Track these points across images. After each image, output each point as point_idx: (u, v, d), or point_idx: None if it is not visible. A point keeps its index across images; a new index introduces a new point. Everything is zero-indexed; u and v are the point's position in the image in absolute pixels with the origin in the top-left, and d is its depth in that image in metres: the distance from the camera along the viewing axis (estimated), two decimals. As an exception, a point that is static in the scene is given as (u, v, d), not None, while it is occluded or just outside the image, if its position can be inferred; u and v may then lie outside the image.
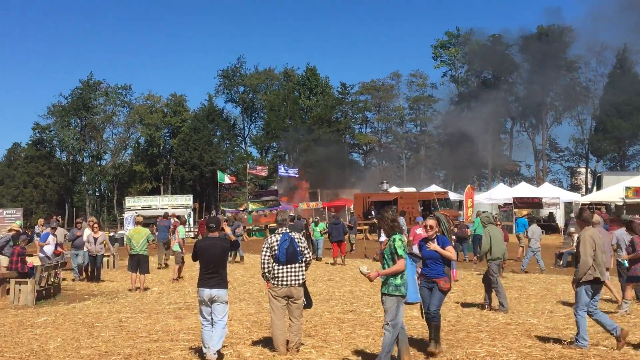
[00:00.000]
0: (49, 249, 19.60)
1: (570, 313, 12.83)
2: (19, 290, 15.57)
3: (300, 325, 9.74)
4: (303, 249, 9.65)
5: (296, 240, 9.61)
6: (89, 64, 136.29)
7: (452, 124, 75.18)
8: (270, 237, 9.71)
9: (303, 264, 9.65)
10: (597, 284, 9.77)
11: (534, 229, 21.88)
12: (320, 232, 27.11)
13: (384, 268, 8.44)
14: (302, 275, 9.63)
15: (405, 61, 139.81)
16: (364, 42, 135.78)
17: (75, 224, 22.06)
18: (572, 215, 34.57)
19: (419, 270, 9.62)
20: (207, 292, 9.19)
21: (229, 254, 12.24)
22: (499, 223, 22.36)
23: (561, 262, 23.09)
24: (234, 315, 12.61)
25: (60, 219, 30.92)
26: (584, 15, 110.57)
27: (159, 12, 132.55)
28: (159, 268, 23.97)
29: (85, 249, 20.11)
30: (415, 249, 9.75)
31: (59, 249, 20.14)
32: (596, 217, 14.86)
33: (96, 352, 9.78)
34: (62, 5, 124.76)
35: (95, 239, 19.82)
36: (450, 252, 9.47)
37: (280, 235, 9.60)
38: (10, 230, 19.87)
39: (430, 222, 9.66)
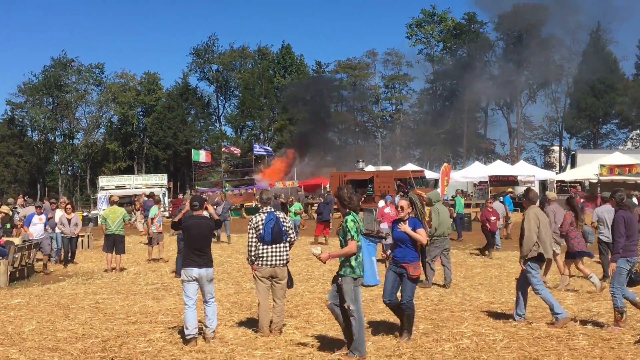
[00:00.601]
0: (38, 228, 18.25)
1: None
2: (-8, 271, 15.19)
3: (283, 306, 9.55)
4: (288, 229, 9.44)
5: (281, 219, 9.39)
6: (61, 42, 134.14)
7: (428, 102, 75.23)
8: (255, 217, 9.43)
9: (287, 244, 9.44)
10: (541, 260, 10.03)
11: (496, 205, 21.87)
12: (295, 212, 26.82)
13: (341, 248, 8.18)
14: (287, 255, 9.42)
15: (381, 39, 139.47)
16: (339, 19, 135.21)
17: (50, 204, 21.25)
18: (547, 193, 34.72)
19: (388, 252, 9.30)
20: (196, 272, 8.95)
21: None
22: (490, 202, 22.08)
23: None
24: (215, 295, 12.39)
25: (27, 199, 30.11)
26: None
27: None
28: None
29: (58, 231, 19.43)
30: (384, 226, 9.42)
31: (62, 227, 18.89)
32: (552, 194, 15.33)
33: (73, 334, 9.51)
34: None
35: (69, 220, 19.03)
36: (421, 234, 8.93)
37: (265, 214, 9.35)
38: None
39: (402, 202, 9.22)
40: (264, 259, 9.23)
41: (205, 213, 9.63)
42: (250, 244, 9.32)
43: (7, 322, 10.50)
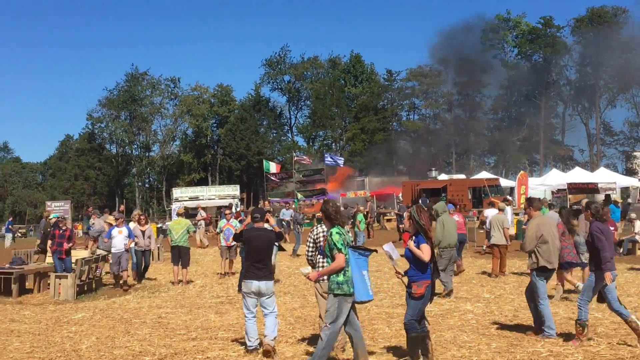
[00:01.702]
0: (117, 241, 16.93)
1: (637, 306, 12.05)
2: (59, 284, 15.22)
3: (345, 322, 9.08)
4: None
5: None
6: (137, 57, 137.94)
7: (502, 108, 73.59)
8: (316, 228, 9.00)
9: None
10: (545, 272, 9.85)
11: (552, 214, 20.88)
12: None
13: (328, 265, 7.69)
14: None
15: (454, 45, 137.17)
16: (410, 27, 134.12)
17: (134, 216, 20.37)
18: (630, 200, 33.26)
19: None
20: (255, 285, 8.73)
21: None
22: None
23: (621, 250, 21.89)
24: (277, 310, 12.00)
25: (93, 209, 30.29)
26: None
27: (204, 2, 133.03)
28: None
29: (132, 244, 18.67)
30: (387, 247, 8.63)
31: (137, 239, 17.70)
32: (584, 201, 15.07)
33: (130, 352, 9.26)
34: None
35: (143, 232, 18.12)
36: (422, 250, 7.97)
37: None
38: (106, 222, 18.90)
39: (406, 215, 8.62)
40: (324, 273, 8.78)
41: (266, 225, 9.36)
42: (307, 254, 8.91)
43: (67, 338, 10.33)
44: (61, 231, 17.07)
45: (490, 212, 20.43)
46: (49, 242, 17.82)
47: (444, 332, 10.02)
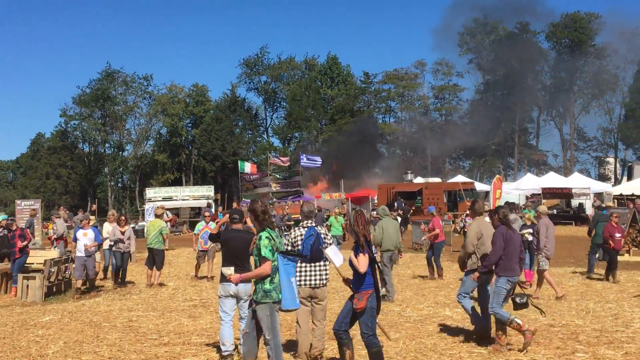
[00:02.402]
0: (81, 245, 15.66)
1: (617, 313, 11.94)
2: (27, 285, 14.78)
3: (324, 328, 8.80)
4: (329, 246, 8.66)
5: (322, 235, 8.63)
6: (112, 55, 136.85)
7: (478, 112, 73.94)
8: (294, 231, 8.72)
9: (328, 263, 8.69)
10: (482, 274, 9.70)
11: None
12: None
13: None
14: (327, 274, 8.67)
15: (431, 49, 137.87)
16: (387, 29, 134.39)
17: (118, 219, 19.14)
18: (601, 204, 33.30)
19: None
20: (233, 287, 8.39)
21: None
22: (615, 216, 19.54)
23: (597, 256, 21.76)
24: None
25: (60, 209, 29.63)
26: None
27: (180, 1, 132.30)
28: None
29: (105, 246, 17.88)
30: (330, 250, 8.30)
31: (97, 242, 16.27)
32: (543, 208, 15.46)
33: (99, 358, 8.91)
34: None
35: (123, 234, 17.18)
36: (358, 261, 7.48)
37: (306, 229, 8.59)
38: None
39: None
40: (303, 278, 8.48)
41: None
42: None
43: (33, 343, 9.93)
44: (12, 232, 16.58)
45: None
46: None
47: (423, 339, 9.79)
